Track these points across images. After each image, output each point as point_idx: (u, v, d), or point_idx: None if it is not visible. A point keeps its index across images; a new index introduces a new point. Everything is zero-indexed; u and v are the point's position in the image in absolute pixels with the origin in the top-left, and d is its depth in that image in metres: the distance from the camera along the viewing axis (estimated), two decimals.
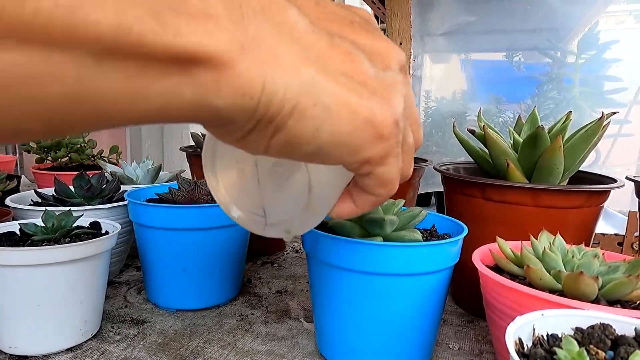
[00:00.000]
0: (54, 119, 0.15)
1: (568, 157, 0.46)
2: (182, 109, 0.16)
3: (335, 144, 0.20)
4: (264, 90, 0.17)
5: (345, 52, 0.20)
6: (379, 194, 0.25)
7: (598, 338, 0.25)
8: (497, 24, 1.06)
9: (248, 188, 0.29)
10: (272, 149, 0.20)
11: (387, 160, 0.22)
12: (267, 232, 0.29)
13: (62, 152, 0.85)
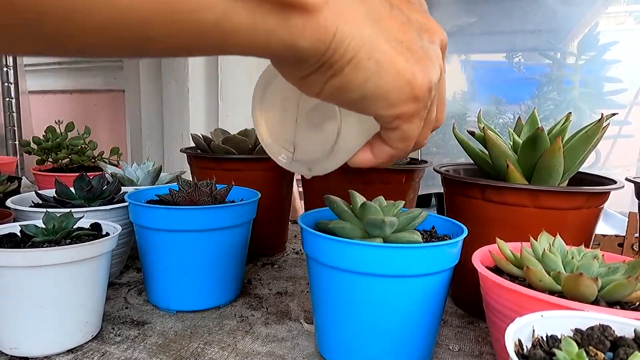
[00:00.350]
0: (190, 39, 0.19)
1: (568, 158, 0.46)
2: (277, 45, 0.20)
3: (377, 96, 0.24)
4: (334, 38, 0.21)
5: (401, 22, 0.23)
6: (397, 148, 0.28)
7: (597, 339, 0.25)
8: (496, 25, 1.06)
9: (285, 125, 0.33)
10: (326, 91, 0.24)
11: (414, 119, 0.26)
12: (291, 167, 0.33)
13: (63, 154, 0.86)
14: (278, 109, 0.33)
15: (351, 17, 0.21)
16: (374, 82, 0.23)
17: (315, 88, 0.24)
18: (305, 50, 0.21)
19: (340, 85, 0.23)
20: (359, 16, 0.21)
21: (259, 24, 0.19)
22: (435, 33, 0.26)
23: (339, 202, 0.42)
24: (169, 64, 1.03)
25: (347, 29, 0.21)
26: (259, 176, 0.66)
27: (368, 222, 0.39)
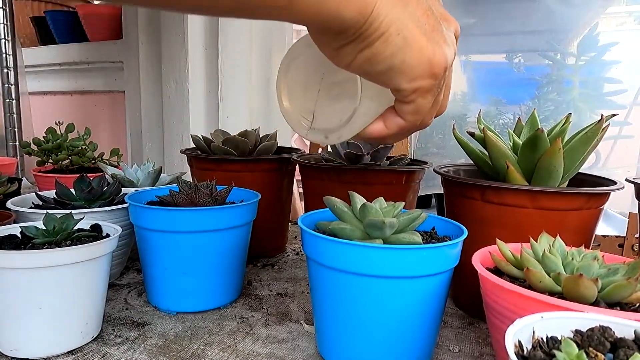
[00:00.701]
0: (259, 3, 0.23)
1: (567, 159, 0.46)
2: (327, 14, 0.24)
3: (401, 70, 0.27)
4: (372, 13, 0.24)
5: (425, 9, 0.27)
6: (408, 120, 0.32)
7: (597, 340, 0.25)
8: (496, 26, 1.06)
9: (307, 96, 0.36)
10: (356, 62, 0.27)
11: (428, 95, 0.30)
12: (308, 134, 0.37)
13: (63, 155, 0.86)
14: (301, 81, 0.37)
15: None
16: (400, 56, 0.27)
17: (347, 58, 0.27)
18: (348, 20, 0.24)
19: (371, 57, 0.27)
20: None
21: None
22: (452, 23, 0.31)
23: (339, 203, 0.42)
24: (169, 64, 1.03)
25: (383, 7, 0.25)
26: (259, 177, 0.66)
27: (368, 224, 0.39)
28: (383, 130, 0.33)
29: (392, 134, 0.33)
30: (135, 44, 1.10)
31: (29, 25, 1.47)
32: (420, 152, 1.15)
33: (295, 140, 1.99)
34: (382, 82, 0.29)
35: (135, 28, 1.09)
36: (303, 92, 0.37)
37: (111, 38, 1.26)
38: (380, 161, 0.60)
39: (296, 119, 0.37)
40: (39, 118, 1.40)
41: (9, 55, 1.26)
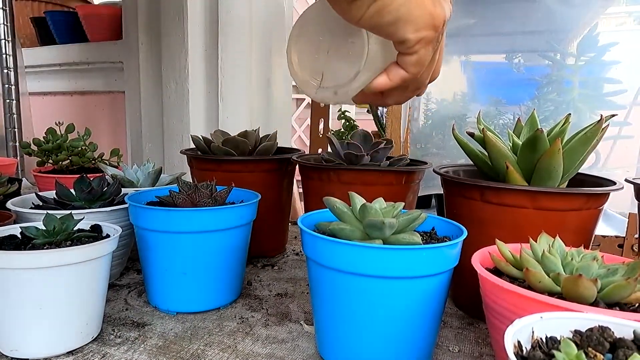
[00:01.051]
0: None
1: (567, 159, 0.46)
2: None
3: (407, 21, 0.31)
4: None
5: None
6: (410, 72, 0.36)
7: (596, 341, 0.25)
8: (496, 26, 1.06)
9: (316, 57, 0.40)
10: (367, 15, 0.31)
11: (429, 46, 0.34)
12: (318, 93, 0.40)
13: (63, 155, 0.86)
14: (311, 45, 0.40)
15: None
16: (406, 8, 0.30)
17: (359, 12, 0.31)
18: None
19: (380, 8, 0.30)
20: None
21: None
22: None
23: (339, 203, 0.42)
24: (169, 65, 1.03)
25: None
26: (259, 178, 0.66)
27: (368, 224, 0.39)
28: (387, 82, 0.37)
29: (394, 85, 0.37)
30: (136, 45, 1.10)
31: (29, 25, 1.47)
32: (420, 152, 1.15)
33: (295, 141, 1.99)
34: (389, 33, 0.32)
35: (136, 28, 1.09)
36: (312, 55, 0.40)
37: (111, 38, 1.26)
38: (380, 162, 0.60)
39: (305, 80, 0.41)
40: (39, 118, 1.40)
41: (9, 56, 1.26)
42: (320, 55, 0.40)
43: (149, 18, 1.07)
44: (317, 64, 0.40)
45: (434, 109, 1.22)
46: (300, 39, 0.41)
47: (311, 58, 0.40)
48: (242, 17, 1.02)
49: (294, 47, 0.41)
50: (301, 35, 0.41)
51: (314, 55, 0.40)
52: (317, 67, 0.40)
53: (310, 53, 0.40)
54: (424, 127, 1.22)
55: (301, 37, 0.41)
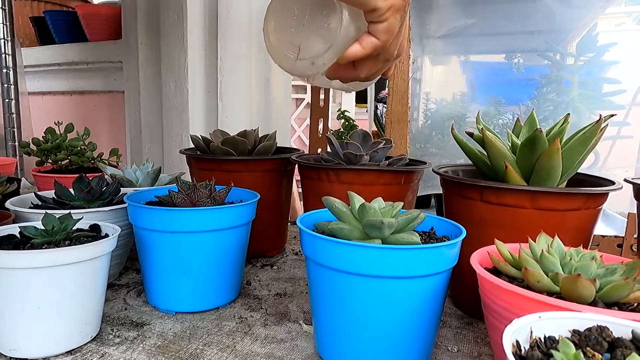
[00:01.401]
0: None
1: (566, 159, 0.46)
2: None
3: None
4: None
5: None
6: (381, 39, 0.39)
7: (595, 340, 0.25)
8: (495, 26, 1.07)
9: (293, 32, 0.43)
10: None
11: (397, 15, 0.38)
12: (296, 65, 0.43)
13: (62, 155, 0.86)
14: (287, 19, 0.43)
15: None
16: None
17: None
18: None
19: None
20: None
21: None
22: None
23: (338, 203, 0.42)
24: (169, 65, 1.03)
25: None
26: (258, 177, 0.66)
27: (367, 224, 0.39)
28: (360, 50, 0.40)
29: (367, 53, 0.40)
30: (135, 44, 1.10)
31: (28, 25, 1.47)
32: (420, 152, 1.15)
33: (295, 141, 1.99)
34: (362, 3, 0.36)
35: (135, 28, 1.09)
36: (289, 30, 0.43)
37: (110, 38, 1.26)
38: (379, 161, 0.60)
39: (282, 54, 0.43)
40: (38, 118, 1.40)
41: (8, 55, 1.26)
42: (296, 29, 0.42)
43: (149, 18, 1.07)
44: (294, 37, 0.42)
45: (434, 109, 1.22)
46: (276, 14, 0.44)
47: (288, 32, 0.43)
48: (242, 16, 1.02)
49: (271, 23, 0.44)
50: (276, 11, 0.44)
51: (290, 30, 0.43)
52: (294, 40, 0.42)
53: (287, 27, 0.43)
54: (423, 127, 1.22)
55: (276, 13, 0.44)
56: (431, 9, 1.05)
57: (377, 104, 1.72)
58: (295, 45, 0.42)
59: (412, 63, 1.00)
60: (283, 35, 0.43)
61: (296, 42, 0.42)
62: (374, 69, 0.44)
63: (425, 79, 1.23)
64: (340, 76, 0.44)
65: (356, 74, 0.44)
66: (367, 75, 0.44)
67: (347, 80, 0.45)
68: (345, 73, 0.44)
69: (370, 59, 0.42)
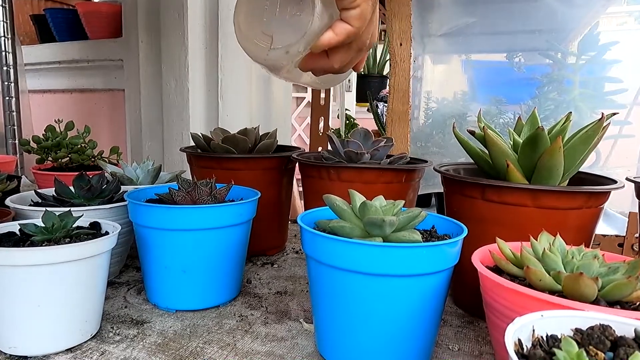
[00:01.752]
0: None
1: (568, 158, 0.46)
2: None
3: None
4: None
5: None
6: (354, 25, 0.40)
7: (597, 339, 0.25)
8: (496, 25, 1.06)
9: (264, 19, 0.42)
10: None
11: (369, 1, 0.39)
12: (270, 54, 0.42)
13: (63, 153, 0.85)
14: (258, 9, 0.42)
15: None
16: None
17: None
18: None
19: None
20: None
21: None
22: None
23: (339, 201, 0.42)
24: (169, 63, 1.03)
25: None
26: (258, 175, 0.66)
27: (368, 222, 0.39)
28: (333, 37, 0.40)
29: (340, 40, 0.40)
30: (135, 43, 1.10)
31: (28, 23, 1.46)
32: (420, 151, 1.15)
33: (296, 139, 1.99)
34: None
35: (135, 26, 1.09)
36: (260, 20, 0.42)
37: (111, 36, 1.26)
38: (380, 160, 0.60)
39: (255, 44, 0.43)
40: (38, 116, 1.40)
41: (8, 53, 1.25)
42: (268, 19, 0.42)
43: (149, 16, 1.07)
44: (266, 27, 0.42)
45: (435, 107, 1.22)
46: (247, 4, 0.43)
47: (260, 22, 0.42)
48: None
49: (241, 15, 0.43)
50: (247, 1, 0.43)
51: (262, 20, 0.42)
52: (266, 30, 0.42)
53: (258, 17, 0.42)
54: (424, 125, 1.22)
55: (247, 3, 0.43)
56: (432, 7, 1.04)
57: (378, 102, 1.72)
58: (267, 35, 0.42)
59: (414, 62, 1.00)
60: (255, 25, 0.42)
61: (269, 31, 0.42)
62: (346, 59, 0.43)
63: (426, 78, 1.23)
64: (314, 67, 0.44)
65: (329, 64, 0.43)
66: (340, 65, 0.43)
67: (320, 72, 0.45)
68: (318, 63, 0.43)
69: (344, 48, 0.42)
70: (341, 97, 1.92)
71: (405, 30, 0.86)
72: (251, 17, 0.43)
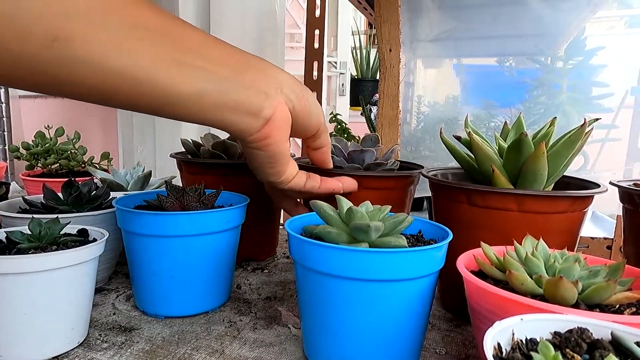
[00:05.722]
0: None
1: (552, 162, 0.47)
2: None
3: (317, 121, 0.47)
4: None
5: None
6: (327, 143, 0.51)
7: (575, 342, 0.25)
8: (484, 30, 1.08)
9: None
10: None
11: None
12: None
13: (52, 159, 0.85)
14: None
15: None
16: (316, 113, 0.47)
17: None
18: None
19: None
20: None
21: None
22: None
23: (326, 207, 0.42)
24: None
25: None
26: (248, 181, 0.66)
27: (354, 227, 0.39)
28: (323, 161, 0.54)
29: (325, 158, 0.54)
30: None
31: None
32: (412, 155, 1.15)
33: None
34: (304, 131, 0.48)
35: None
36: None
37: None
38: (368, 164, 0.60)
39: None
40: (29, 122, 1.39)
41: None
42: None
43: None
44: None
45: (426, 112, 1.23)
46: None
47: None
48: (234, 20, 1.02)
49: None
50: None
51: None
52: None
53: None
54: (416, 130, 1.22)
55: None
56: (421, 13, 1.05)
57: (371, 106, 1.73)
58: None
59: (404, 66, 1.00)
60: None
61: None
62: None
63: (417, 82, 1.23)
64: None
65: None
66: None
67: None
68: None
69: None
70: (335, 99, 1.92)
71: (395, 36, 0.87)
72: None
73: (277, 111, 0.40)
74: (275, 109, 0.40)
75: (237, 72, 0.38)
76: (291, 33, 2.81)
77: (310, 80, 1.18)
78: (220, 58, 0.37)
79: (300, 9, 2.72)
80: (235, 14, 1.02)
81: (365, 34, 3.26)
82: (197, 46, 0.35)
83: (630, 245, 0.54)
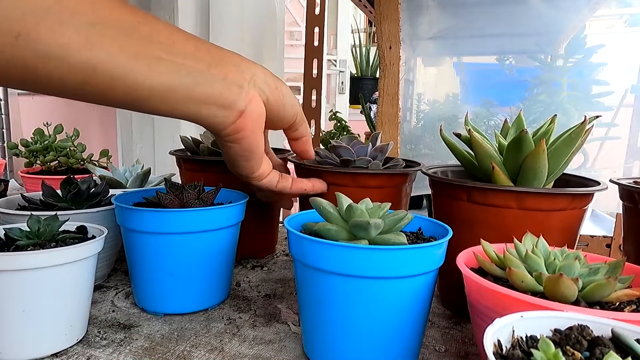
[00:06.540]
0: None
1: (552, 160, 0.47)
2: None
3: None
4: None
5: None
6: (307, 133, 0.52)
7: (575, 339, 0.25)
8: (484, 28, 1.07)
9: None
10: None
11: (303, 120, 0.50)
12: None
13: (51, 156, 0.85)
14: None
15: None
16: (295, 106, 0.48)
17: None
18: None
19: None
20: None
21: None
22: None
23: (325, 204, 0.42)
24: None
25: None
26: None
27: (353, 224, 0.39)
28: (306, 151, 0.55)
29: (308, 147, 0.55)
30: None
31: None
32: (412, 153, 1.15)
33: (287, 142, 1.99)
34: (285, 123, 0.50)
35: None
36: None
37: None
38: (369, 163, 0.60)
39: None
40: (29, 119, 1.39)
41: None
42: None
43: None
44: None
45: (426, 110, 1.22)
46: None
47: None
48: (234, 18, 1.02)
49: None
50: None
51: None
52: None
53: None
54: (416, 128, 1.22)
55: None
56: (421, 10, 1.05)
57: (371, 104, 1.73)
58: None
59: (404, 65, 1.00)
60: None
61: None
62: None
63: (417, 80, 1.23)
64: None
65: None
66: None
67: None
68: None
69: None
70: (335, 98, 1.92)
71: (395, 34, 0.87)
72: None
73: (251, 104, 0.40)
74: (248, 102, 0.40)
75: (209, 66, 0.38)
76: (291, 31, 2.80)
77: (310, 78, 1.17)
78: (192, 52, 0.37)
79: (300, 7, 2.72)
80: (235, 11, 1.01)
81: (365, 31, 3.25)
82: (169, 41, 0.35)
83: (630, 242, 0.54)
